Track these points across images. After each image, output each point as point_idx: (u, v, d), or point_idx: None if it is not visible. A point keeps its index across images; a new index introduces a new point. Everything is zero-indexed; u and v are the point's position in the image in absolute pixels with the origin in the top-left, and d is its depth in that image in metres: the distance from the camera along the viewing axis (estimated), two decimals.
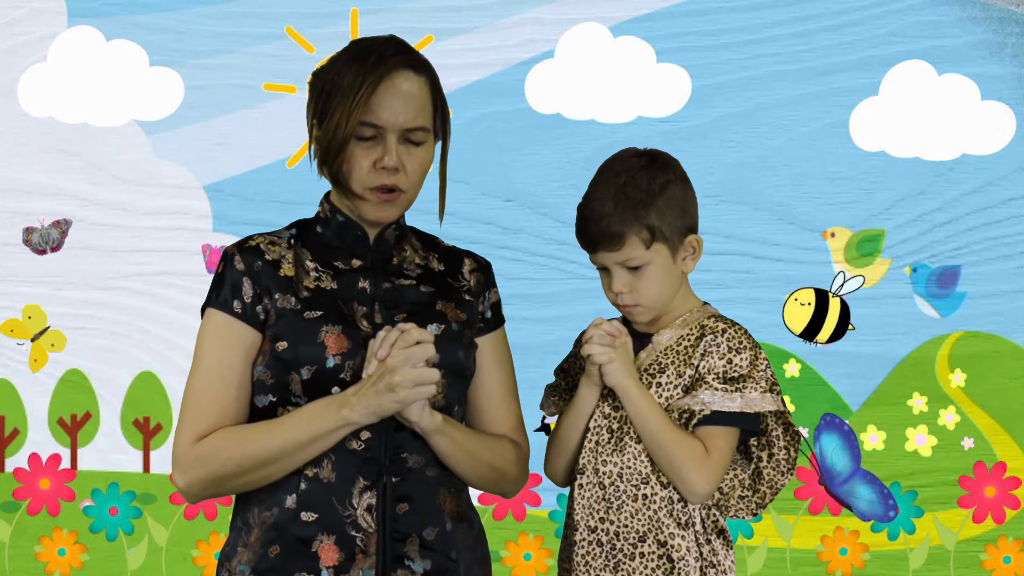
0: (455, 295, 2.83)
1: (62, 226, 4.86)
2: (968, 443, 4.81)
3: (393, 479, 2.69)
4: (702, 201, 2.95)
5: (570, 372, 3.00)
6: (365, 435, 2.68)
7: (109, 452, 4.86)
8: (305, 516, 2.67)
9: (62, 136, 4.85)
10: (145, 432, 4.85)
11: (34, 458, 4.86)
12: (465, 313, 2.83)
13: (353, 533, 2.66)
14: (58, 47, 4.86)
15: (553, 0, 4.85)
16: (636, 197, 2.81)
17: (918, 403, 4.81)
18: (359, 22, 4.84)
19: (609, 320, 2.93)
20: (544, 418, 3.06)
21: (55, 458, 4.85)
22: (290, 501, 2.68)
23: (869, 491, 4.82)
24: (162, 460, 4.85)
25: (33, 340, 4.86)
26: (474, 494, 2.95)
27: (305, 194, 4.78)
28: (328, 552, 2.66)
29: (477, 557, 2.80)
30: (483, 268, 2.91)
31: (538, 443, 3.01)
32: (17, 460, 4.86)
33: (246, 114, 4.87)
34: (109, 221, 4.85)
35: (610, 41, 4.84)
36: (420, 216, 2.94)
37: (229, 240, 4.80)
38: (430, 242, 2.90)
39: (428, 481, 2.72)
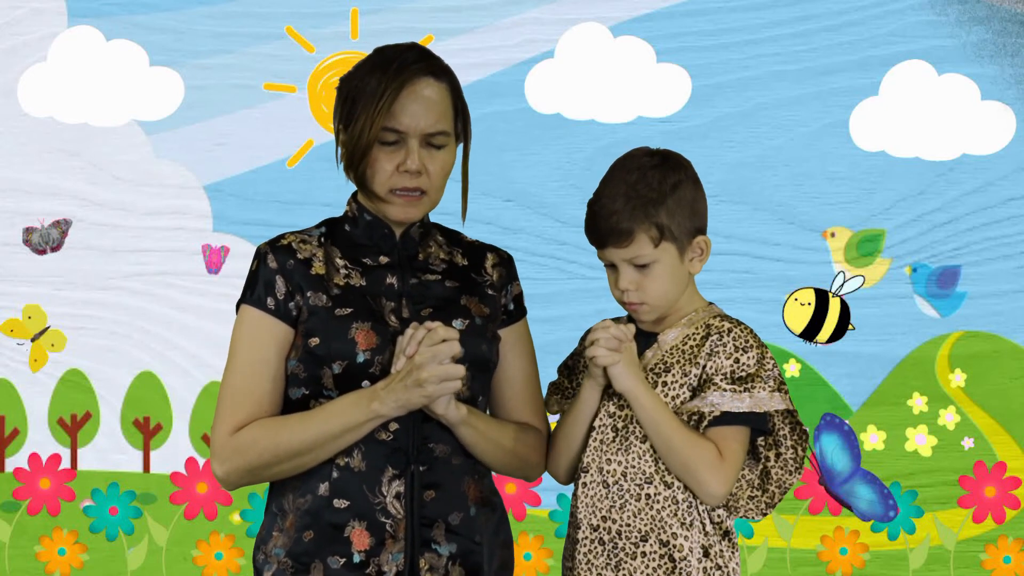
0: (478, 290, 2.93)
1: (62, 226, 4.86)
2: (968, 443, 4.81)
3: (420, 468, 2.81)
4: None
5: (574, 370, 3.00)
6: (393, 426, 2.79)
7: (109, 452, 4.86)
8: (337, 503, 2.79)
9: (62, 136, 4.85)
10: (145, 432, 4.85)
11: (34, 458, 4.85)
12: (488, 307, 2.92)
13: (383, 519, 2.78)
14: (58, 47, 4.86)
15: (553, 0, 4.85)
16: (647, 195, 2.83)
17: (918, 403, 4.81)
18: (359, 22, 4.84)
19: (615, 319, 2.93)
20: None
21: (55, 458, 4.85)
22: (323, 489, 2.80)
23: (869, 491, 4.82)
24: (162, 460, 4.85)
25: (33, 340, 4.86)
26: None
27: (305, 194, 4.81)
28: (360, 537, 2.78)
29: (500, 540, 2.91)
30: (505, 262, 3.00)
31: None
32: (17, 460, 4.86)
33: (246, 114, 4.87)
34: (109, 221, 4.85)
35: (610, 41, 4.84)
36: (439, 217, 2.98)
37: (229, 240, 4.80)
38: (454, 237, 3.00)
39: (453, 469, 2.84)
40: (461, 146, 2.92)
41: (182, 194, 4.86)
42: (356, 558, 2.77)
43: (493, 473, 2.94)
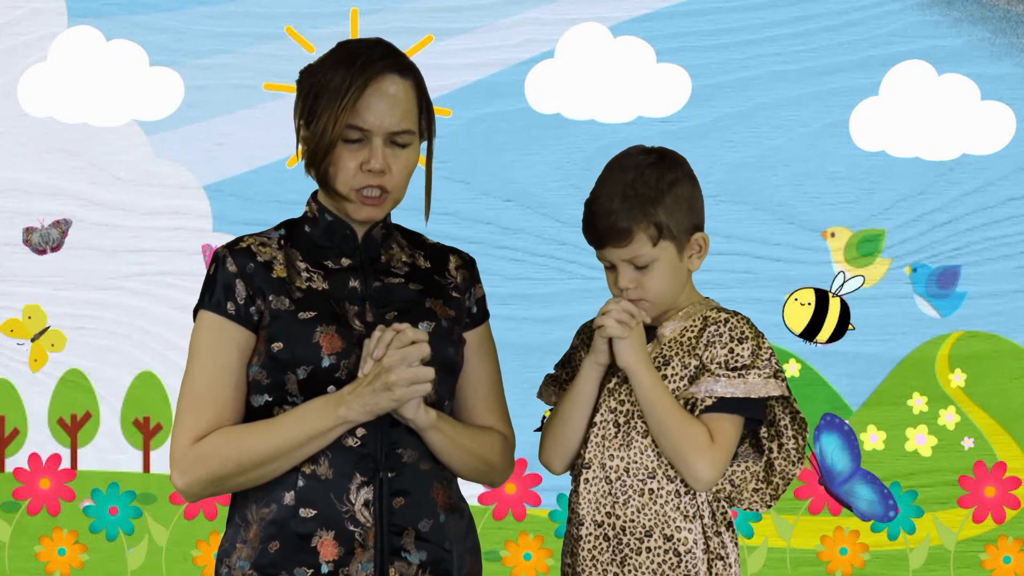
0: (443, 292, 2.89)
1: (62, 226, 4.86)
2: (968, 443, 4.81)
3: (389, 474, 2.75)
4: None
5: (571, 362, 3.00)
6: (361, 432, 2.74)
7: (109, 452, 4.86)
8: (304, 512, 2.73)
9: (62, 136, 4.85)
10: (145, 432, 4.85)
11: (34, 458, 4.86)
12: (453, 310, 2.88)
13: (351, 528, 2.73)
14: (58, 47, 4.86)
15: (553, 0, 4.85)
16: (645, 194, 2.83)
17: (918, 403, 4.81)
18: (359, 22, 4.84)
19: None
20: (544, 417, 3.06)
21: (55, 458, 4.85)
22: (288, 498, 2.74)
23: (869, 491, 4.82)
24: (162, 460, 4.85)
25: (33, 340, 4.86)
26: (472, 491, 2.97)
27: (305, 194, 4.78)
28: (327, 547, 2.72)
29: (468, 546, 2.87)
30: (468, 264, 2.96)
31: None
32: (17, 460, 4.86)
33: (246, 114, 4.87)
34: (109, 221, 4.85)
35: (610, 41, 4.84)
36: (407, 214, 2.96)
37: (229, 240, 4.80)
38: (415, 240, 2.95)
39: (422, 475, 2.79)
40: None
41: (182, 194, 4.86)
42: (324, 568, 2.71)
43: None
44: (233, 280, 2.78)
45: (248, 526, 2.77)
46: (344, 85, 2.74)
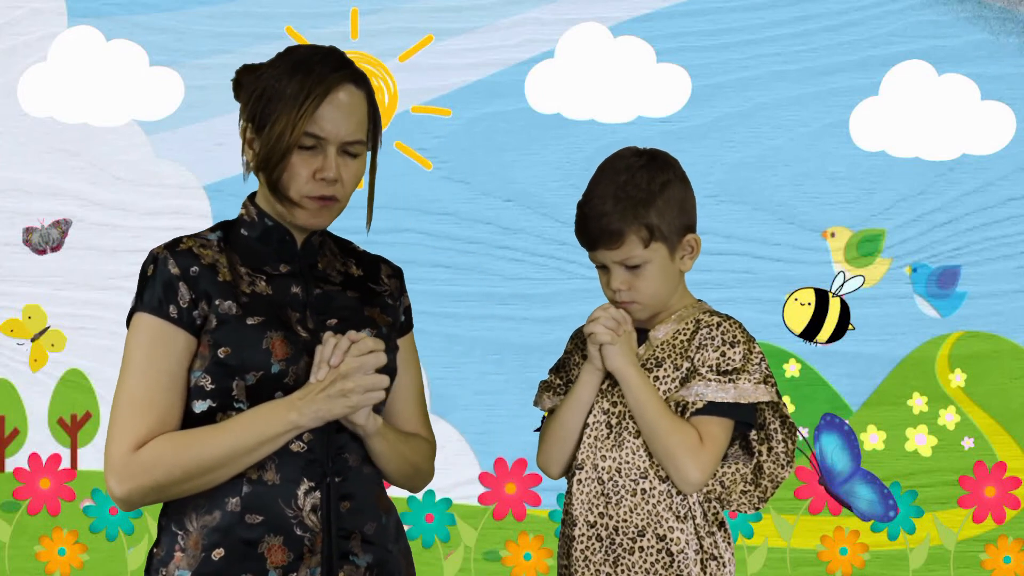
0: (379, 300, 2.89)
1: (62, 226, 4.86)
2: (968, 443, 4.81)
3: (336, 479, 2.74)
4: (702, 201, 2.97)
5: (566, 366, 3.01)
6: (307, 437, 2.72)
7: None
8: (250, 518, 2.70)
9: (62, 136, 4.85)
10: None
11: (34, 458, 4.86)
12: (390, 316, 2.89)
13: (300, 533, 2.71)
14: (58, 47, 4.86)
15: (553, 0, 4.85)
16: (636, 196, 2.84)
17: (918, 403, 4.82)
18: (359, 22, 4.84)
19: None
20: (544, 418, 3.06)
21: (55, 458, 4.85)
22: (233, 504, 2.70)
23: (869, 491, 4.82)
24: None
25: (33, 340, 4.86)
26: (471, 491, 2.97)
27: None
28: (275, 553, 2.70)
29: (401, 548, 2.87)
30: (397, 274, 2.97)
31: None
32: (17, 460, 4.86)
33: None
34: (109, 221, 4.85)
35: (610, 41, 4.84)
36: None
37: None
38: (346, 247, 2.95)
39: (365, 479, 2.79)
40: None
41: (182, 194, 4.86)
42: (272, 574, 2.69)
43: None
44: (176, 282, 2.73)
45: (187, 534, 2.71)
46: (303, 93, 2.72)
